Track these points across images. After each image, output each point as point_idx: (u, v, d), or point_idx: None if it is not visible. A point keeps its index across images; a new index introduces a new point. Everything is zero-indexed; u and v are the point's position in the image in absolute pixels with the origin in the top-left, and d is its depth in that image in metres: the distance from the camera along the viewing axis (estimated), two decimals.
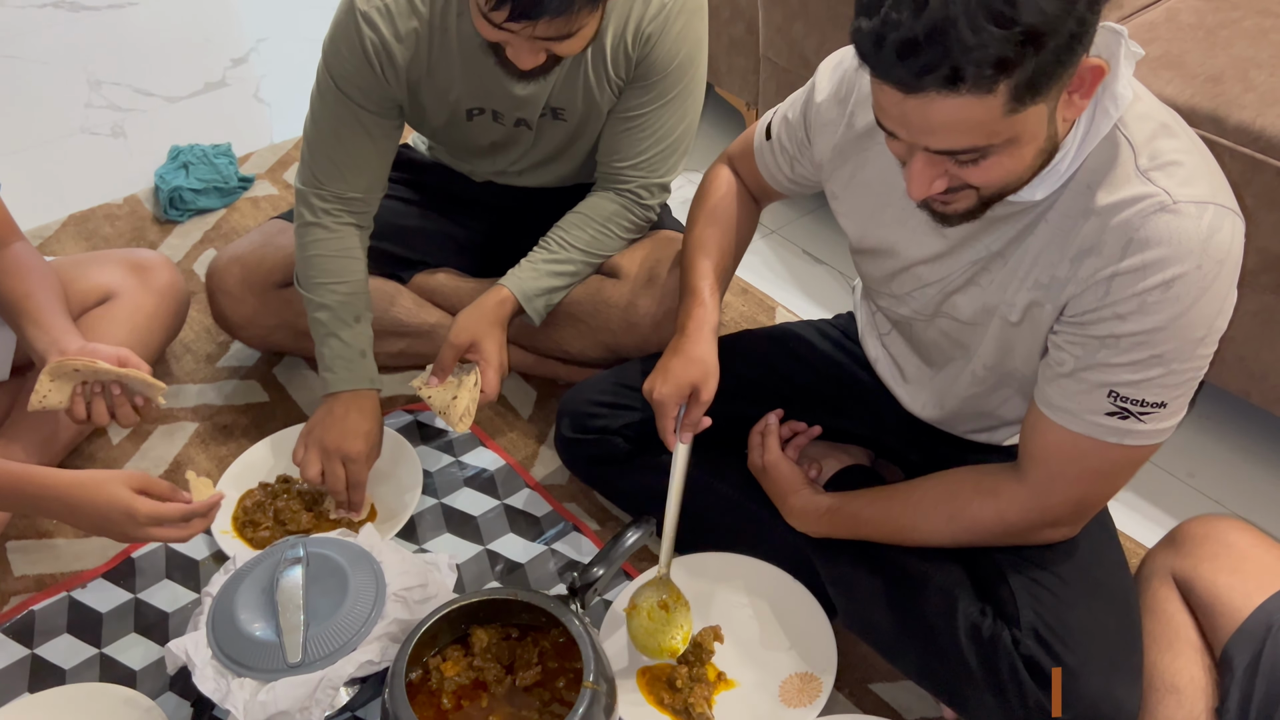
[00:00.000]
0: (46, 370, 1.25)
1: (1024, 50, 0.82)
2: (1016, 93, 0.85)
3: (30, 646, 1.31)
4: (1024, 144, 0.91)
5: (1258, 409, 1.59)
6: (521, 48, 1.22)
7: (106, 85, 2.56)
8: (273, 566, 1.22)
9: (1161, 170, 0.93)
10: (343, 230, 1.45)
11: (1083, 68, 0.88)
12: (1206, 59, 1.47)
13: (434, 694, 1.17)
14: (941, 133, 0.89)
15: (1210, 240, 0.92)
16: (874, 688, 1.26)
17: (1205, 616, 1.10)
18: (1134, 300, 0.95)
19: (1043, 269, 1.01)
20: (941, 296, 1.12)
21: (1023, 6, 0.81)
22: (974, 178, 0.94)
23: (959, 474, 1.16)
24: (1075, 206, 0.98)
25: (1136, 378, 0.98)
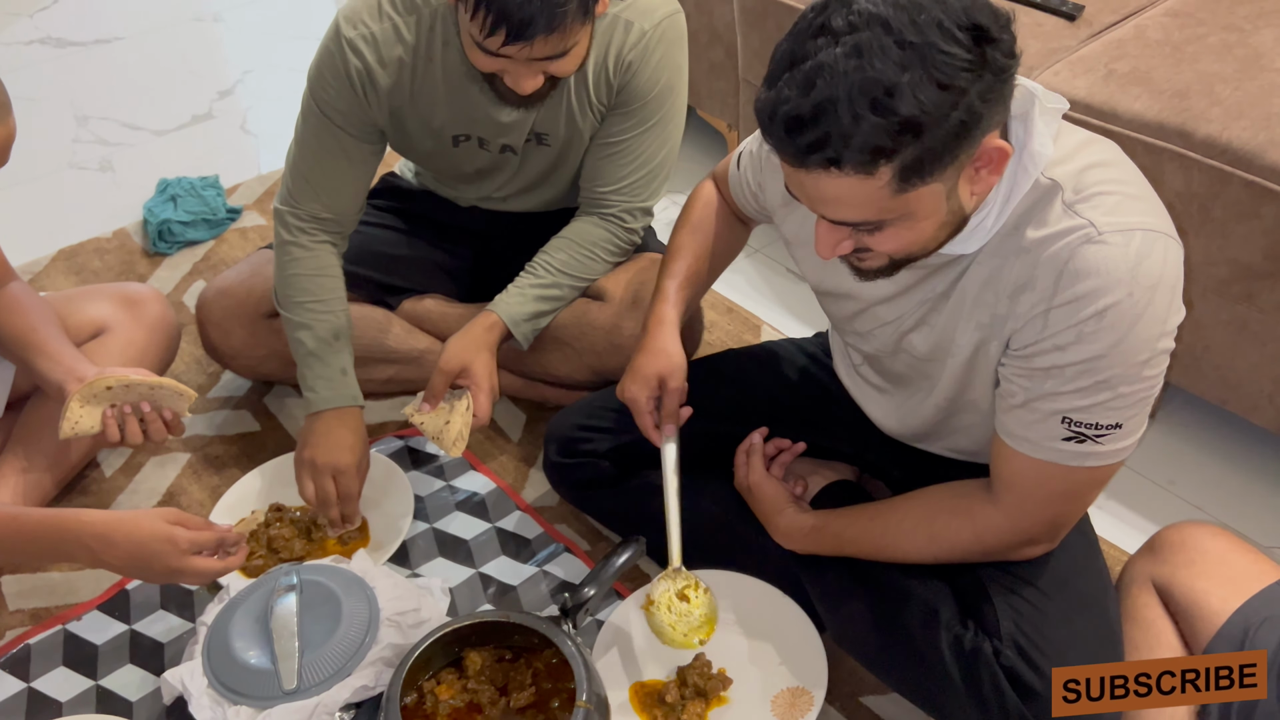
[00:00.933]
0: (76, 395, 1.27)
1: (902, 138, 0.85)
2: (902, 174, 0.88)
3: (26, 680, 1.32)
4: (920, 219, 0.94)
5: (1235, 416, 1.62)
6: (520, 72, 1.24)
7: (94, 120, 2.58)
8: (267, 594, 1.24)
9: (1087, 202, 0.96)
10: (319, 249, 1.48)
11: (986, 148, 0.91)
12: (1174, 74, 1.51)
13: (429, 717, 1.18)
14: (833, 205, 0.93)
15: (1139, 267, 0.94)
16: (864, 700, 1.28)
17: (1185, 621, 1.12)
18: (1071, 331, 0.97)
19: (983, 308, 1.04)
20: (899, 335, 1.15)
21: (900, 99, 0.83)
22: (875, 245, 0.97)
23: (936, 495, 1.18)
24: (1006, 246, 1.00)
25: (1086, 403, 0.99)
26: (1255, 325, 1.46)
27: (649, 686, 1.27)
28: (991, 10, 0.87)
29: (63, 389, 1.30)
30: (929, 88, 0.84)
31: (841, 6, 0.86)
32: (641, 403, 1.25)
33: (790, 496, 1.33)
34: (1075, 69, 1.57)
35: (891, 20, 0.84)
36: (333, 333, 1.46)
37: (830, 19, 0.86)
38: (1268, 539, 1.48)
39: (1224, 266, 1.45)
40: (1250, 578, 1.11)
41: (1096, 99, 1.51)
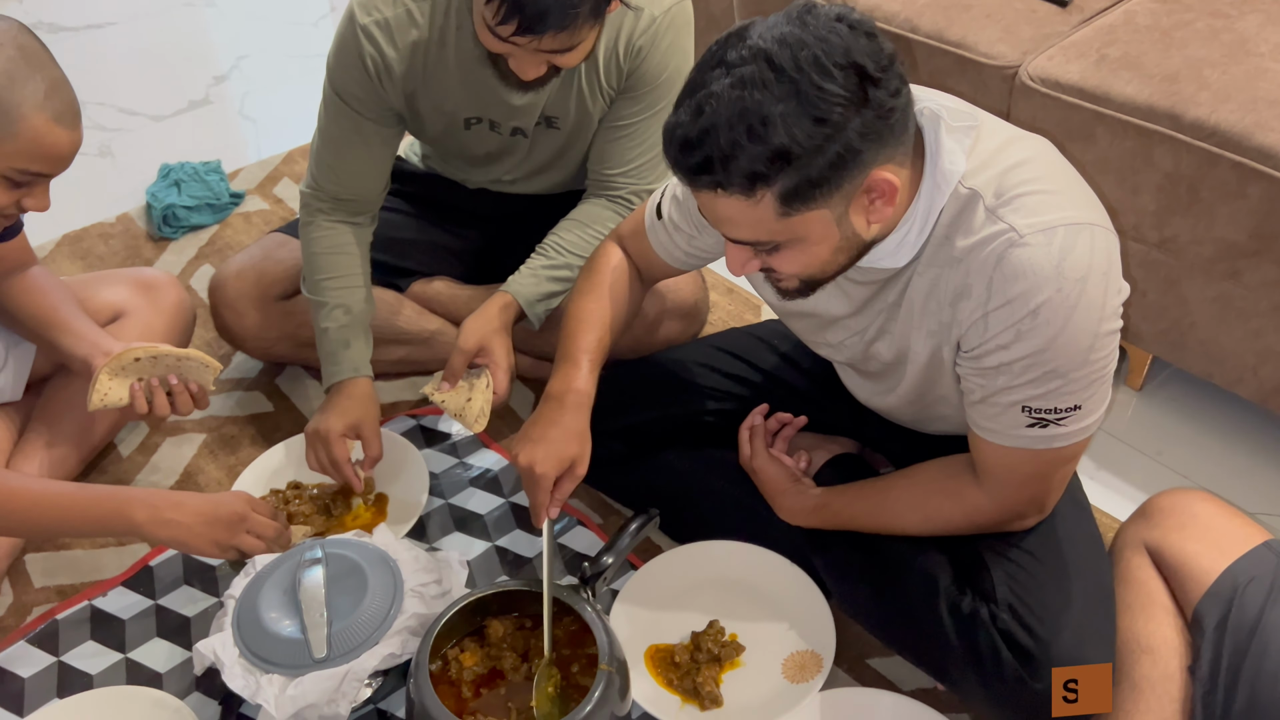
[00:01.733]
0: (105, 368, 1.31)
1: (775, 166, 0.91)
2: (784, 199, 0.94)
3: (56, 654, 1.35)
4: (814, 243, 1.00)
5: (1220, 389, 1.68)
6: (525, 60, 1.28)
7: (91, 105, 2.59)
8: (293, 568, 1.27)
9: (1008, 206, 1.00)
10: (335, 228, 1.51)
11: (875, 180, 0.96)
12: (1163, 59, 1.56)
13: (454, 683, 1.22)
14: (728, 224, 1.00)
15: (1063, 263, 0.98)
16: (871, 662, 1.33)
17: (1176, 581, 1.18)
18: (1010, 331, 1.02)
19: (930, 317, 1.09)
20: (865, 345, 1.20)
21: (773, 129, 0.90)
22: (777, 265, 1.04)
23: (929, 474, 1.23)
24: (940, 257, 1.05)
25: (1039, 391, 1.04)
26: (1240, 302, 1.51)
27: (663, 650, 1.32)
28: (874, 51, 0.93)
29: (89, 363, 1.33)
30: (804, 120, 0.90)
31: (739, 41, 0.93)
32: (548, 481, 1.21)
33: (792, 475, 1.37)
34: (1068, 54, 1.62)
35: (775, 56, 0.90)
36: (343, 308, 1.49)
37: (727, 53, 0.92)
38: (1252, 506, 1.54)
39: (1210, 245, 1.50)
40: (1237, 540, 1.16)
41: (1089, 83, 1.56)
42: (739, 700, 1.27)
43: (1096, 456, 1.64)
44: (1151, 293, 1.60)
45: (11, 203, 1.17)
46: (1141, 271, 1.60)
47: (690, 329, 1.65)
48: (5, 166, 1.13)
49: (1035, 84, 1.60)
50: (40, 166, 1.15)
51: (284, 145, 2.36)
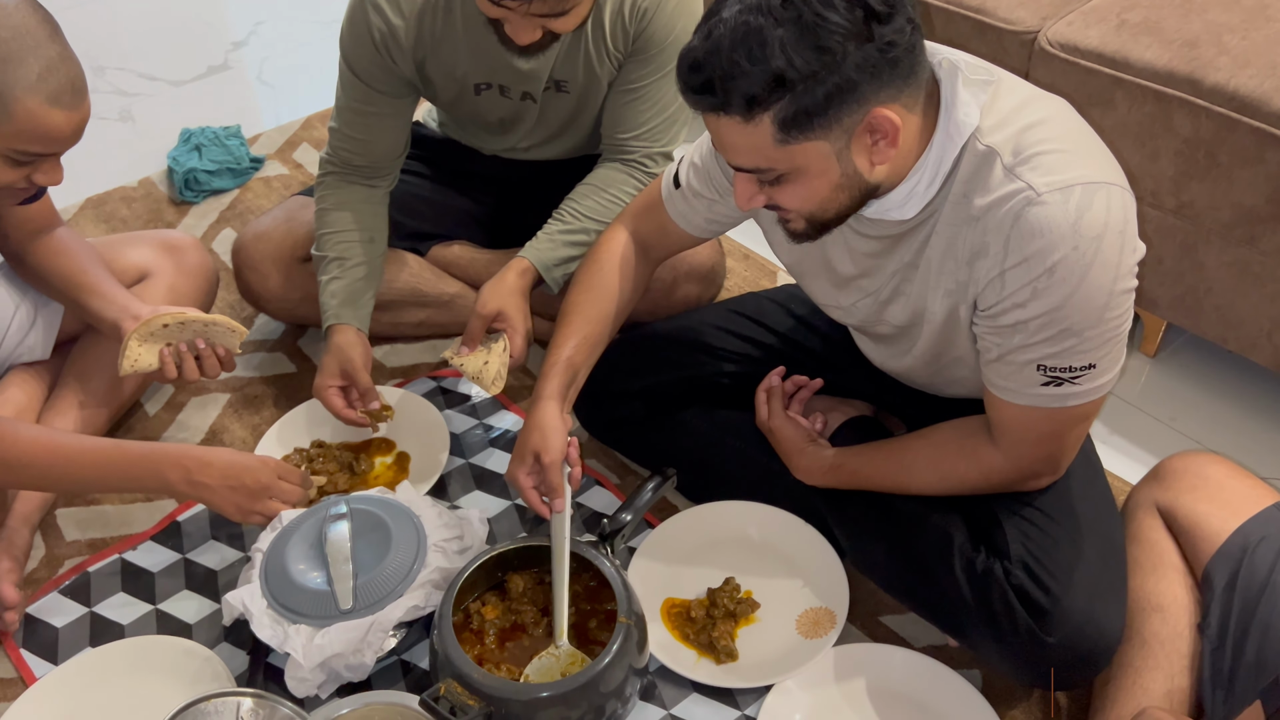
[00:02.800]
0: (135, 334, 1.34)
1: (773, 89, 0.94)
2: (781, 125, 0.96)
3: (88, 604, 1.39)
4: (813, 176, 1.01)
5: (1234, 355, 1.69)
6: (519, 24, 1.29)
7: (110, 70, 2.60)
8: (319, 523, 1.30)
9: (1026, 164, 1.01)
10: (345, 187, 1.54)
11: (875, 117, 0.97)
12: (1183, 24, 1.55)
13: (477, 635, 1.26)
14: (730, 150, 1.02)
15: (1080, 221, 0.99)
16: (884, 619, 1.36)
17: (1187, 541, 1.19)
18: (1026, 289, 1.03)
19: (947, 276, 1.10)
20: (878, 306, 1.21)
21: (770, 53, 0.93)
22: (779, 199, 1.05)
23: (945, 435, 1.25)
24: (957, 215, 1.06)
25: (1055, 349, 1.05)
26: (1256, 267, 1.52)
27: (679, 605, 1.34)
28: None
29: (118, 327, 1.36)
30: (802, 47, 0.92)
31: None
32: (520, 481, 1.27)
33: (809, 435, 1.39)
34: (1088, 19, 1.61)
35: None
36: (338, 261, 1.51)
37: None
38: (1266, 471, 1.56)
39: (1228, 210, 1.51)
40: (1248, 501, 1.18)
41: (1109, 48, 1.55)
42: (754, 655, 1.29)
43: (1110, 422, 1.65)
44: (1168, 259, 1.61)
45: (21, 178, 1.18)
46: (1158, 237, 1.60)
47: (707, 293, 1.66)
48: (4, 147, 1.14)
49: (1054, 49, 1.60)
50: (39, 147, 1.15)
51: (302, 111, 2.37)
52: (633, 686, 1.20)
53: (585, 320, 1.35)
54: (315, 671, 1.21)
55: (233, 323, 1.38)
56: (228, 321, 1.37)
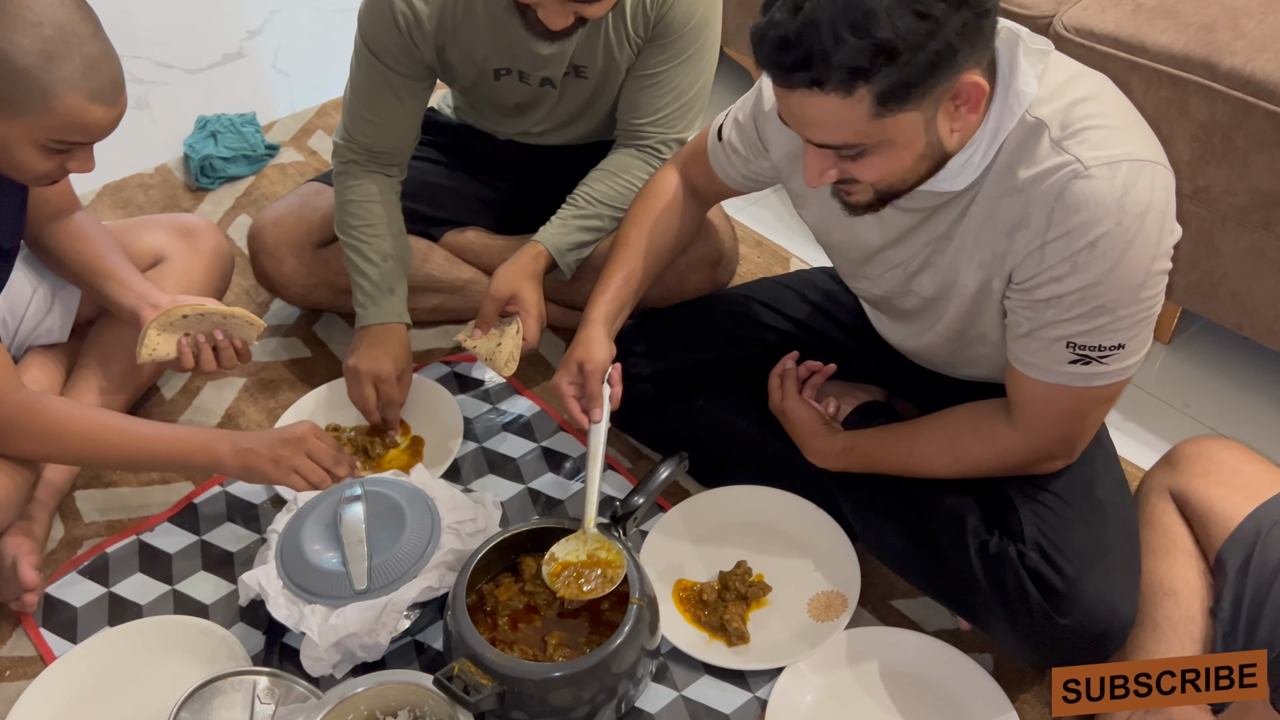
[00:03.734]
0: (154, 323, 1.35)
1: (878, 61, 0.91)
2: (880, 99, 0.94)
3: (106, 585, 1.40)
4: (900, 147, 1.00)
5: (1249, 341, 1.68)
6: (553, 10, 1.29)
7: (126, 58, 2.56)
8: (334, 505, 1.31)
9: (1074, 138, 1.01)
10: (369, 178, 1.55)
11: (963, 84, 0.96)
12: (1199, 8, 1.54)
13: (490, 615, 1.27)
14: (816, 127, 0.99)
15: (1126, 197, 0.99)
16: (895, 603, 1.36)
17: (1199, 526, 1.19)
18: (1066, 263, 1.02)
19: (983, 247, 1.10)
20: (907, 277, 1.20)
21: (879, 22, 0.90)
22: (858, 173, 1.03)
23: (960, 416, 1.25)
24: (1000, 187, 1.05)
25: (1086, 327, 1.05)
26: (1273, 252, 1.51)
27: (690, 587, 1.35)
28: None
29: (136, 314, 1.37)
30: (906, 15, 0.90)
31: None
32: (563, 388, 1.33)
33: (822, 418, 1.39)
34: (1104, 3, 1.60)
35: None
36: (380, 255, 1.52)
37: None
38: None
39: (1244, 195, 1.50)
40: (1262, 486, 1.18)
41: (1124, 32, 1.55)
42: (765, 637, 1.30)
43: (1124, 408, 1.64)
44: (1183, 244, 1.56)
45: (56, 167, 1.21)
46: None
47: (720, 278, 1.67)
48: (45, 139, 1.16)
49: (1070, 33, 1.59)
50: (79, 137, 1.19)
51: (317, 98, 2.38)
52: (645, 668, 1.21)
53: (635, 254, 1.40)
54: (330, 651, 1.22)
55: (251, 315, 1.39)
56: (246, 314, 1.39)
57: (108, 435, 1.28)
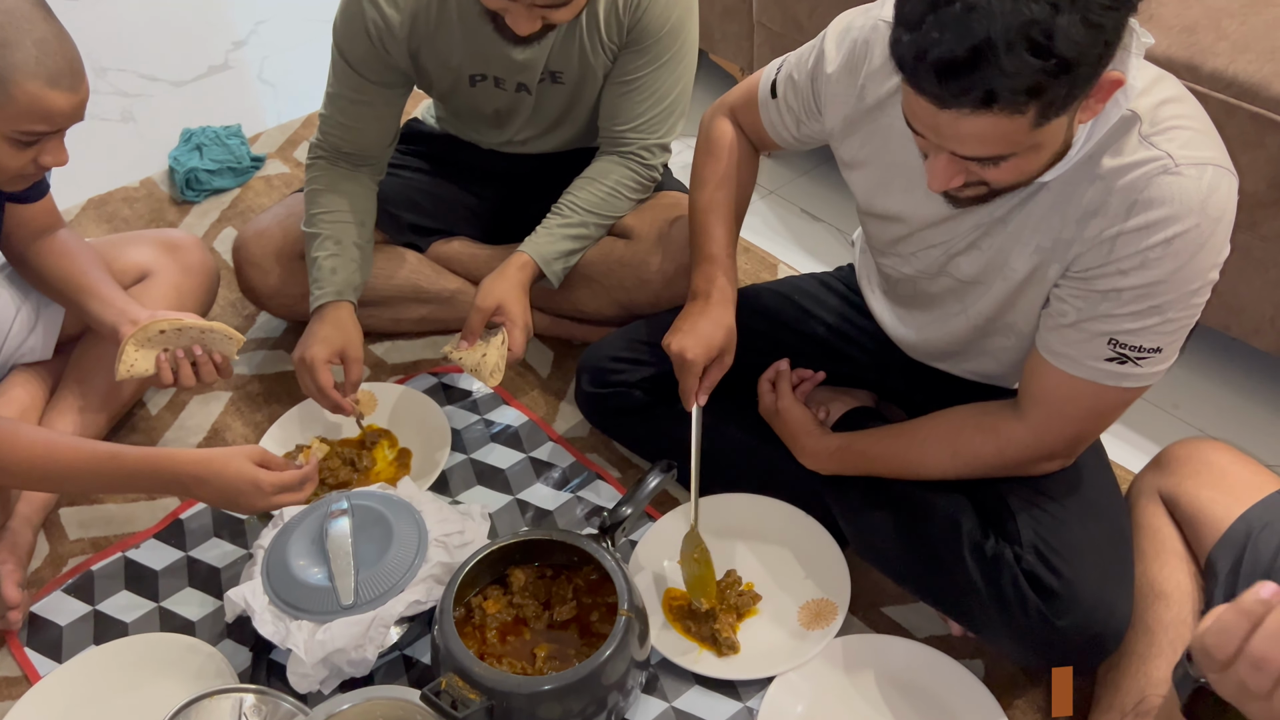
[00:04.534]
0: (131, 339, 1.34)
1: (1056, 79, 0.87)
2: (1044, 111, 0.91)
3: (92, 603, 1.39)
4: (1044, 149, 0.98)
5: (1237, 341, 1.68)
6: (519, 15, 1.29)
7: (111, 71, 2.61)
8: (320, 519, 1.30)
9: (1163, 135, 1.00)
10: (335, 171, 1.55)
11: (1103, 80, 0.94)
12: (1182, 10, 1.55)
13: (479, 629, 1.26)
14: (970, 142, 0.95)
15: (1209, 199, 0.99)
16: (885, 610, 1.35)
17: (1190, 529, 1.19)
18: (1137, 257, 1.02)
19: (1045, 233, 1.08)
20: (946, 258, 1.19)
21: (1059, 39, 0.85)
22: (991, 177, 1.00)
23: (961, 412, 1.24)
24: (1079, 173, 1.04)
25: (1136, 326, 1.05)
26: (1258, 252, 1.51)
27: (680, 597, 1.34)
28: None
29: (116, 330, 1.36)
30: (1080, 27, 0.85)
31: None
32: (699, 366, 1.30)
33: (815, 420, 1.39)
34: None
35: None
36: (333, 239, 1.51)
37: None
38: (1269, 458, 1.54)
39: None
40: (1251, 488, 1.17)
41: None
42: (756, 646, 1.29)
43: None
44: None
45: (28, 162, 1.20)
46: None
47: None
48: (8, 130, 1.15)
49: None
50: (43, 126, 1.17)
51: (303, 109, 2.38)
52: (634, 679, 1.20)
53: (732, 213, 1.37)
54: (317, 667, 1.21)
55: (230, 330, 1.38)
56: (225, 328, 1.38)
57: (50, 464, 1.23)
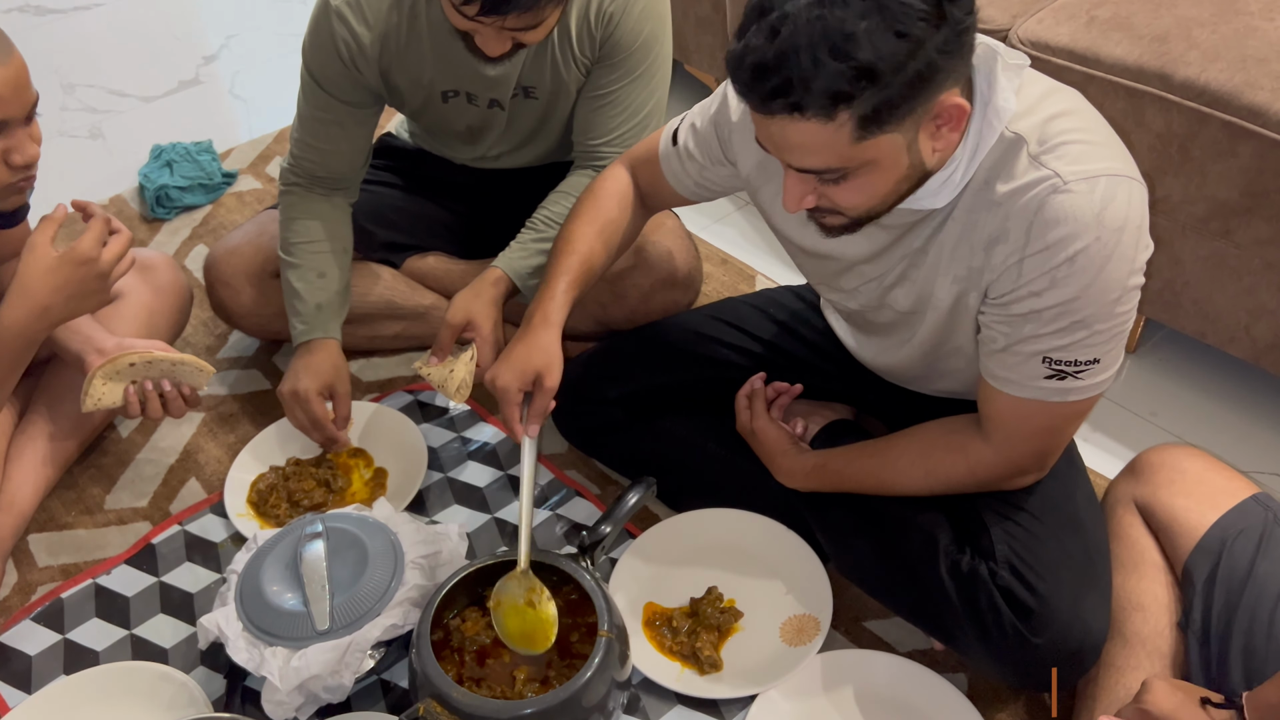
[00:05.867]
0: (100, 371, 1.31)
1: (859, 85, 0.90)
2: (861, 122, 0.92)
3: (62, 632, 1.37)
4: (883, 169, 0.98)
5: (1213, 348, 1.69)
6: (490, 37, 1.28)
7: (80, 88, 2.58)
8: (294, 542, 1.28)
9: (1052, 153, 1.00)
10: (312, 199, 1.53)
11: (945, 104, 0.95)
12: (1153, 19, 1.55)
13: (457, 651, 1.24)
14: (798, 152, 0.97)
15: (1104, 211, 0.99)
16: (868, 625, 1.35)
17: (1165, 537, 1.19)
18: (1045, 278, 1.02)
19: (959, 262, 1.09)
20: (882, 290, 1.20)
21: (860, 44, 0.88)
22: (838, 198, 1.02)
23: (931, 432, 1.24)
24: (978, 201, 1.05)
25: (1064, 342, 1.05)
26: (1232, 260, 1.52)
27: (661, 614, 1.33)
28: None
29: (81, 359, 1.33)
30: (887, 36, 0.88)
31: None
32: (512, 394, 1.24)
33: (791, 438, 1.38)
34: (1058, 16, 1.61)
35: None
36: (316, 271, 1.50)
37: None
38: (1246, 465, 1.56)
39: (1202, 204, 1.50)
40: (1225, 494, 1.17)
41: (1079, 45, 1.55)
42: (738, 664, 1.28)
43: (1091, 418, 1.64)
44: None
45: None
46: None
47: (684, 299, 1.66)
48: None
49: (1025, 47, 1.60)
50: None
51: (275, 124, 2.36)
52: (615, 700, 1.19)
53: (583, 254, 1.32)
54: (293, 694, 1.19)
55: (200, 362, 1.35)
56: (195, 361, 1.35)
57: None
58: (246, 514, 1.47)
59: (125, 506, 1.53)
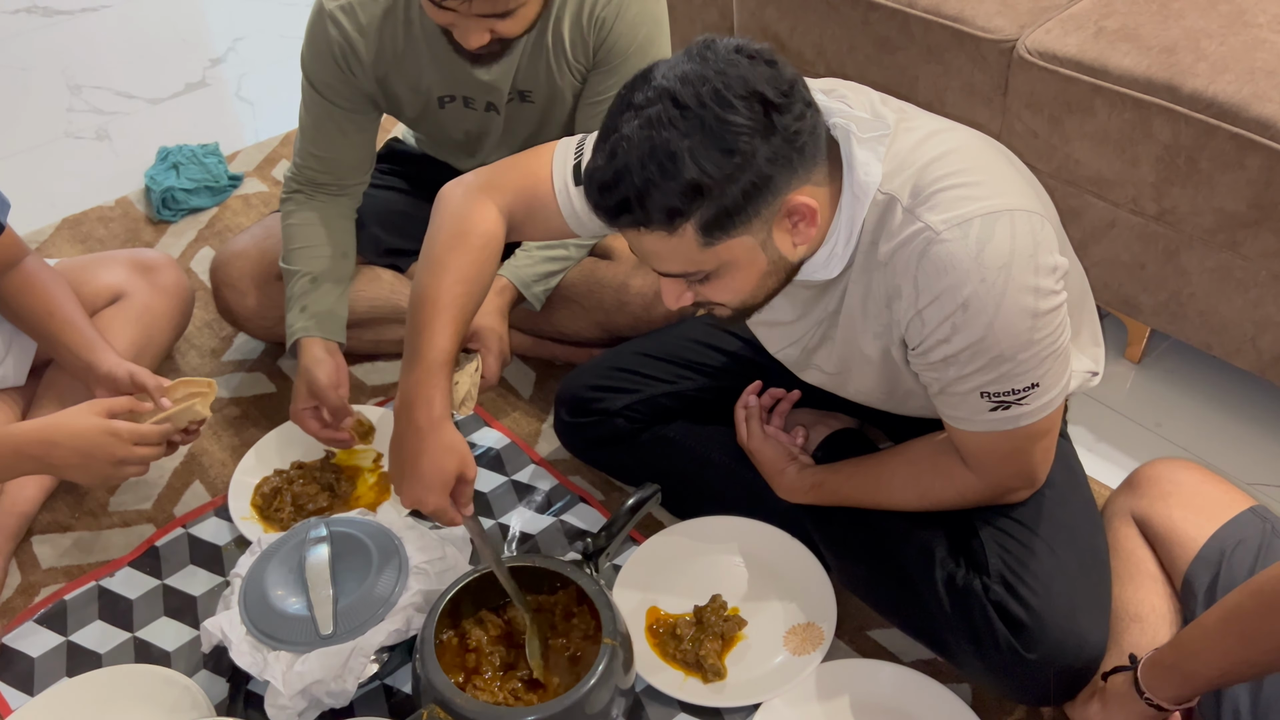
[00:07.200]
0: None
1: (690, 200, 0.93)
2: (704, 230, 0.96)
3: (65, 634, 1.36)
4: (742, 268, 1.01)
5: (1219, 362, 1.69)
6: (466, 27, 1.28)
7: (87, 89, 2.58)
8: (298, 546, 1.28)
9: (925, 205, 1.01)
10: (312, 204, 1.53)
11: (793, 204, 0.98)
12: (1161, 31, 1.55)
13: (460, 657, 1.24)
14: (654, 259, 1.01)
15: (982, 253, 0.98)
16: (871, 634, 1.34)
17: (1163, 549, 1.19)
18: (945, 326, 1.02)
19: (871, 319, 1.10)
20: (805, 353, 1.22)
21: (685, 163, 0.92)
22: (710, 295, 1.05)
23: (921, 453, 1.23)
24: (868, 262, 1.07)
25: (991, 377, 1.05)
26: (1239, 272, 1.52)
27: (665, 622, 1.33)
28: (774, 78, 0.94)
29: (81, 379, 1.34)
30: (712, 152, 0.92)
31: (644, 83, 0.95)
32: (444, 505, 1.14)
33: (789, 454, 1.37)
34: (1065, 26, 1.61)
35: (678, 94, 0.92)
36: (308, 275, 1.50)
37: (634, 95, 0.95)
38: (1252, 477, 1.55)
39: (1210, 216, 1.50)
40: (1223, 506, 1.17)
41: (1087, 56, 1.55)
42: (742, 672, 1.28)
43: (1096, 429, 1.64)
44: (1151, 264, 1.61)
45: None
46: (1140, 244, 1.60)
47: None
48: None
49: (1033, 57, 1.60)
50: None
51: (281, 127, 2.36)
52: (619, 708, 1.19)
53: (456, 321, 1.17)
54: (296, 699, 1.19)
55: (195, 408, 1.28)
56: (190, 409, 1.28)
57: None
58: (251, 517, 1.47)
59: (129, 509, 1.53)
